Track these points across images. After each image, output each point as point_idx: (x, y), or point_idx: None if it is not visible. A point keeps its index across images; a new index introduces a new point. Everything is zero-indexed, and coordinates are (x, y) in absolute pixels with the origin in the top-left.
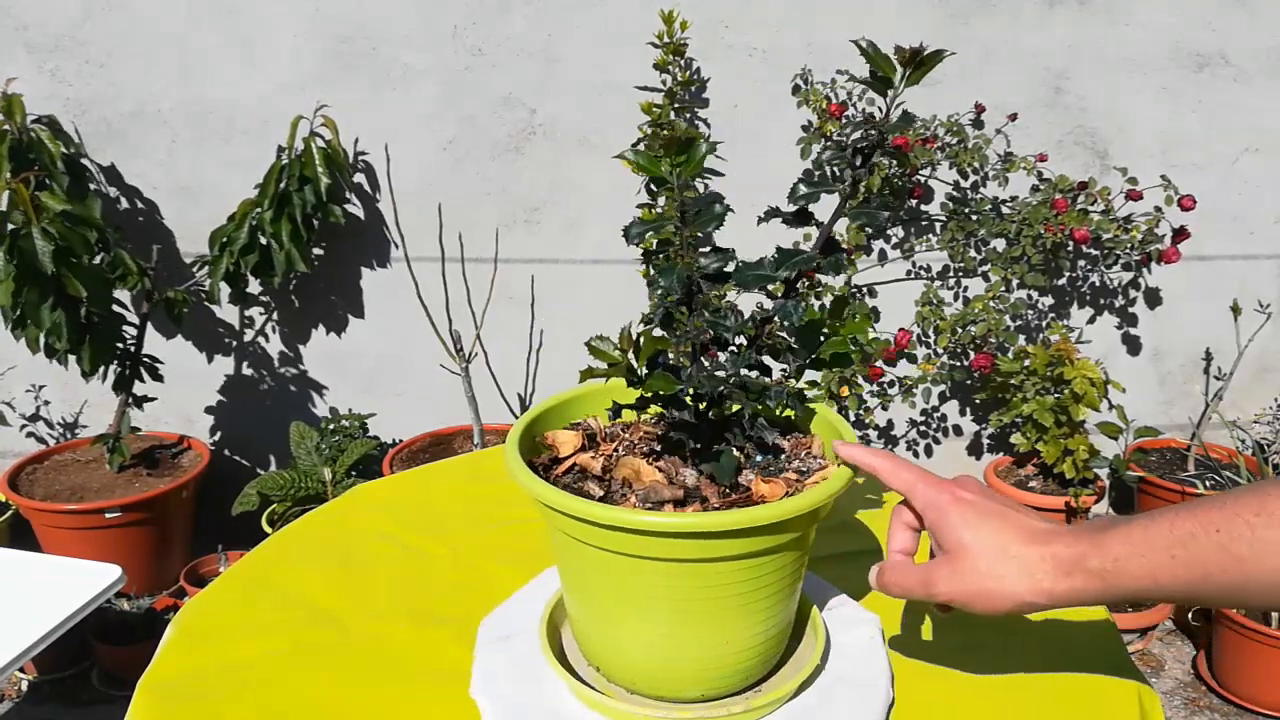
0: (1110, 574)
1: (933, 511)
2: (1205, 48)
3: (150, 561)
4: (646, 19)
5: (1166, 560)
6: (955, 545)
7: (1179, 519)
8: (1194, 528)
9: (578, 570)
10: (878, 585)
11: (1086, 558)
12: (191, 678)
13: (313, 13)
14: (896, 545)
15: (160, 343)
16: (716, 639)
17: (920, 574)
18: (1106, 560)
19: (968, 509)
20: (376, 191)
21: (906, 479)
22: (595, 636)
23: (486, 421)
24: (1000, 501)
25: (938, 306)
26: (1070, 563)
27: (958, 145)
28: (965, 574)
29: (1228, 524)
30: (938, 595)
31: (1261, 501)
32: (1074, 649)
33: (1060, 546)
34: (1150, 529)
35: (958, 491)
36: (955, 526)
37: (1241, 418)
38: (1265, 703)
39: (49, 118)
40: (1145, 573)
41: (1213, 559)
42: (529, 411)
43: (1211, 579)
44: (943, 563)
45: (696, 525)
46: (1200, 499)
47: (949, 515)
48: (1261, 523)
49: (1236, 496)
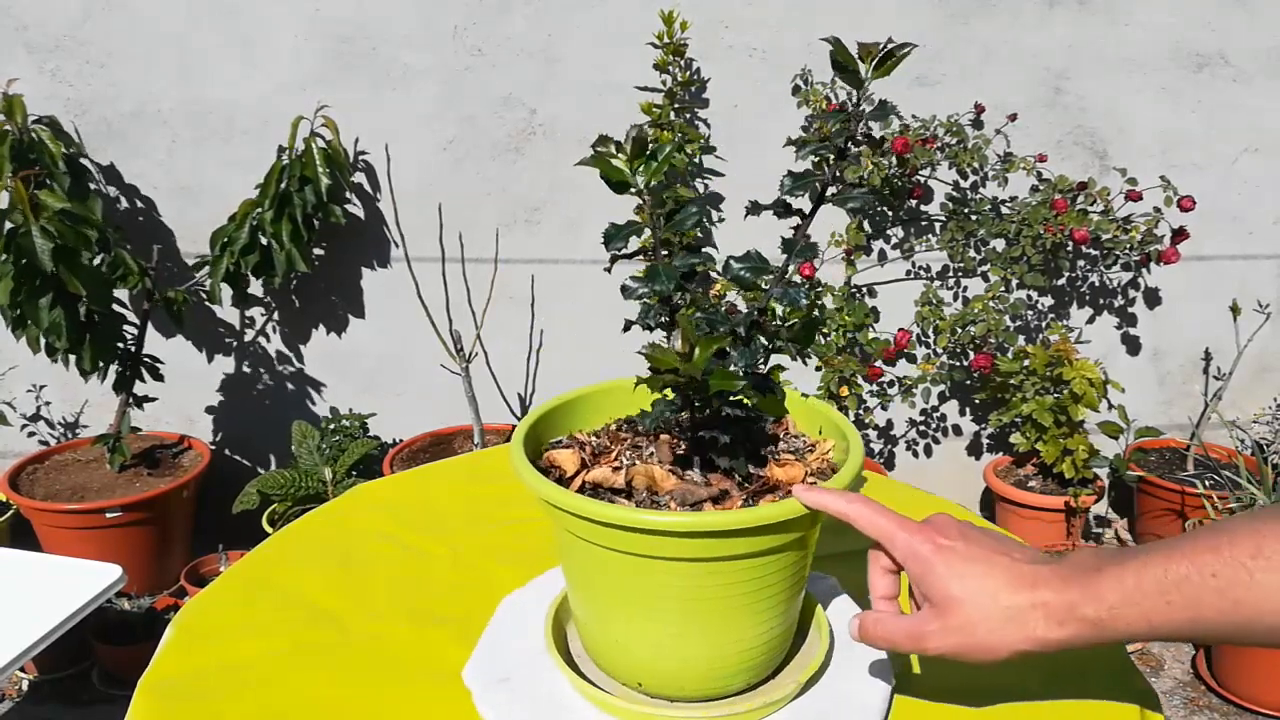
0: (1105, 621)
1: (915, 563)
2: (1205, 48)
3: (151, 561)
4: (646, 19)
5: (1162, 605)
6: (943, 598)
7: (1172, 561)
8: (1189, 571)
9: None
10: (859, 638)
11: (1079, 606)
12: (191, 678)
13: (313, 13)
14: (879, 591)
15: (161, 343)
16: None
17: (908, 628)
18: (1101, 608)
19: (952, 558)
20: (377, 191)
21: (884, 528)
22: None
23: (486, 421)
24: (980, 542)
25: (937, 306)
26: (1063, 611)
27: (957, 145)
28: (957, 628)
29: (1224, 568)
30: (929, 650)
31: (1258, 544)
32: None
33: (1049, 593)
34: (1143, 573)
35: (938, 539)
36: (942, 578)
37: (1241, 418)
38: (1265, 702)
39: (49, 118)
40: (1140, 617)
41: (1209, 604)
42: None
43: (1209, 623)
44: (931, 617)
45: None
46: (1193, 535)
47: (934, 567)
48: (1259, 566)
49: (1231, 536)
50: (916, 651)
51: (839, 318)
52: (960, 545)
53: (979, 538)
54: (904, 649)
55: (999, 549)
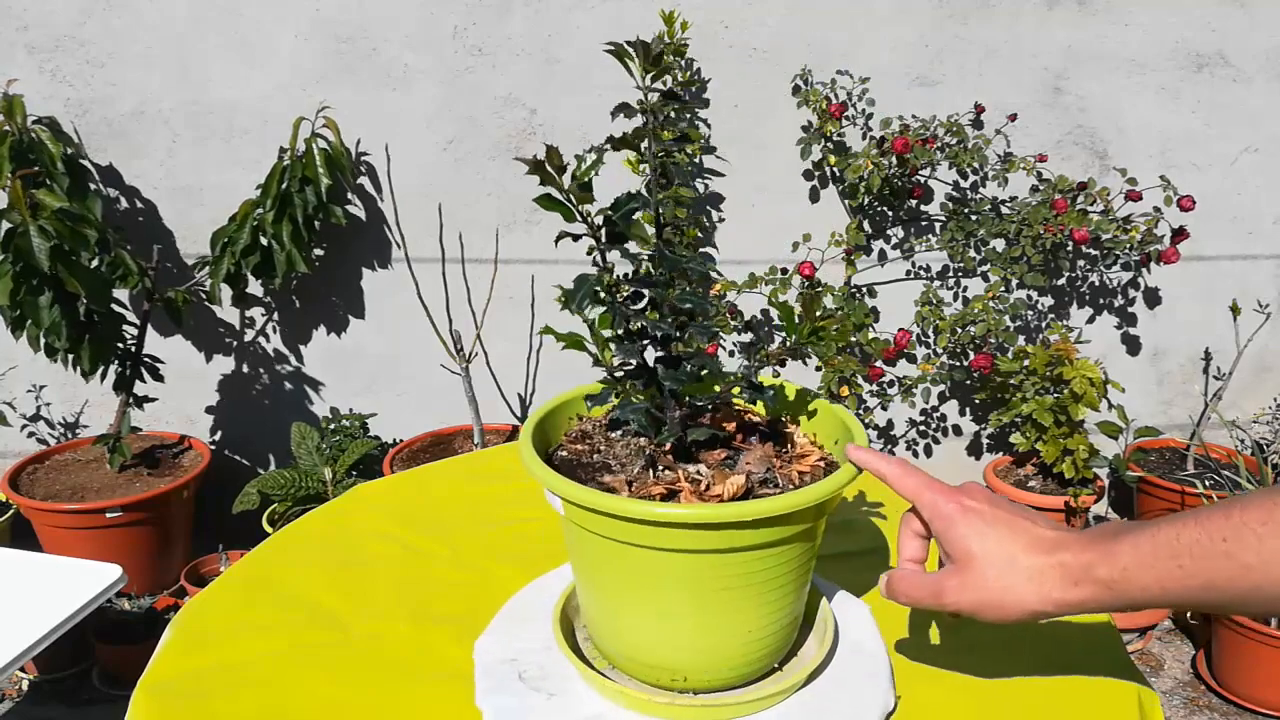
0: (1118, 583)
1: (940, 520)
2: (1205, 48)
3: (151, 561)
4: (647, 19)
5: (1174, 570)
6: (963, 555)
7: (1186, 527)
8: (1201, 536)
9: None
10: (887, 594)
11: (1094, 567)
12: (191, 678)
13: (313, 13)
14: (907, 553)
15: (161, 343)
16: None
17: (929, 584)
18: (1115, 570)
19: (975, 518)
20: (377, 192)
21: (913, 486)
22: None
23: (486, 421)
24: (1007, 508)
25: (937, 306)
26: (1079, 571)
27: (957, 145)
28: (974, 584)
29: (1235, 533)
30: (947, 605)
31: (1269, 510)
32: (1074, 649)
33: (1068, 555)
34: (1158, 538)
35: (964, 500)
36: (963, 536)
37: (1241, 417)
38: (1265, 702)
39: (49, 118)
40: (1153, 581)
41: (1220, 568)
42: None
43: (1218, 588)
44: (951, 573)
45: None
46: (1208, 506)
47: (956, 524)
48: (1269, 532)
49: (1243, 505)
50: (936, 607)
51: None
52: (985, 508)
53: (1004, 504)
54: (924, 604)
55: (1023, 515)
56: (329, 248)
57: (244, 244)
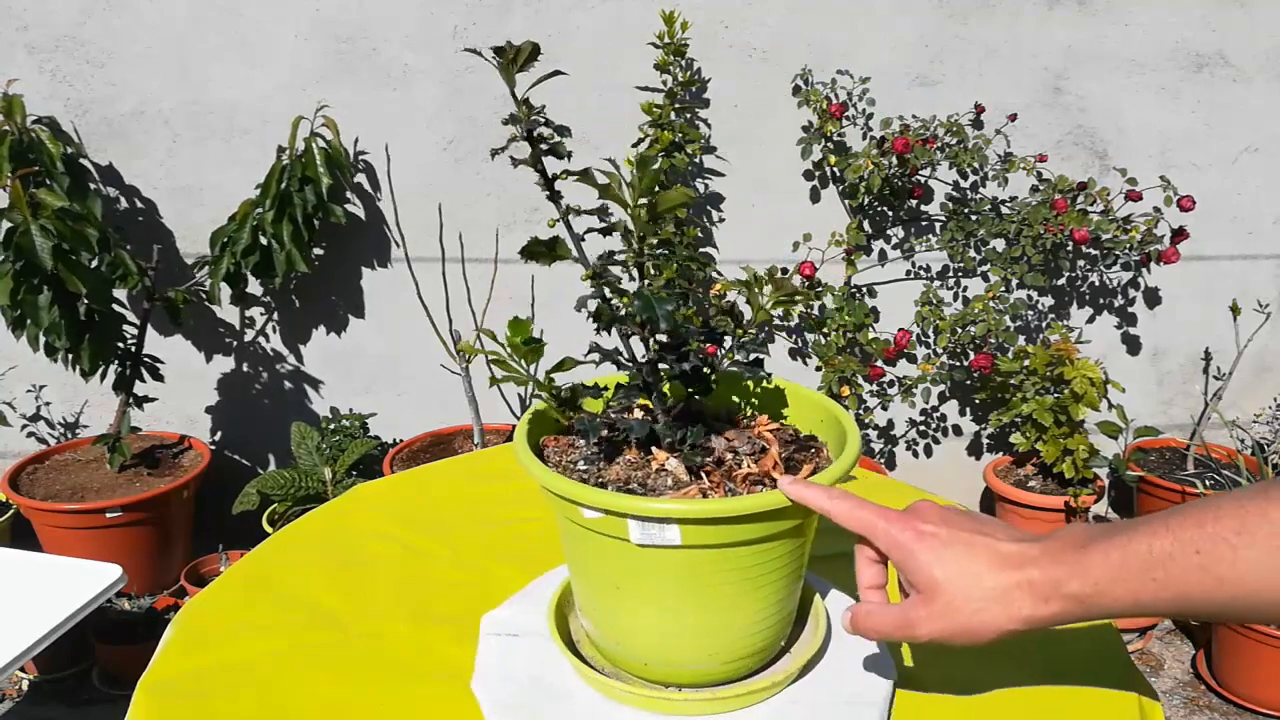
0: (1090, 598)
1: (898, 551)
2: (1205, 48)
3: (151, 561)
4: (647, 19)
5: (1147, 583)
6: (927, 584)
7: (1157, 537)
8: (1174, 548)
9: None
10: (852, 630)
11: (1065, 583)
12: (191, 677)
13: (313, 13)
14: (866, 580)
15: (160, 343)
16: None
17: (896, 617)
18: (1086, 585)
19: (933, 543)
20: (377, 191)
21: (864, 519)
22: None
23: (486, 421)
24: (963, 525)
25: (937, 306)
26: (1048, 588)
27: (957, 145)
28: (942, 612)
29: (1209, 545)
30: (919, 637)
31: (1242, 519)
32: (1074, 650)
33: (1035, 571)
34: (1129, 549)
35: (919, 525)
36: (925, 564)
37: (1241, 417)
38: (1265, 702)
39: (49, 118)
40: (1126, 594)
41: (1194, 581)
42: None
43: (1193, 599)
44: (918, 603)
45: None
46: (1181, 509)
47: (915, 554)
48: (1243, 542)
49: (1216, 513)
50: (906, 639)
51: (839, 318)
52: (942, 530)
53: (960, 521)
54: (895, 638)
55: (980, 530)
56: (329, 247)
57: (244, 244)
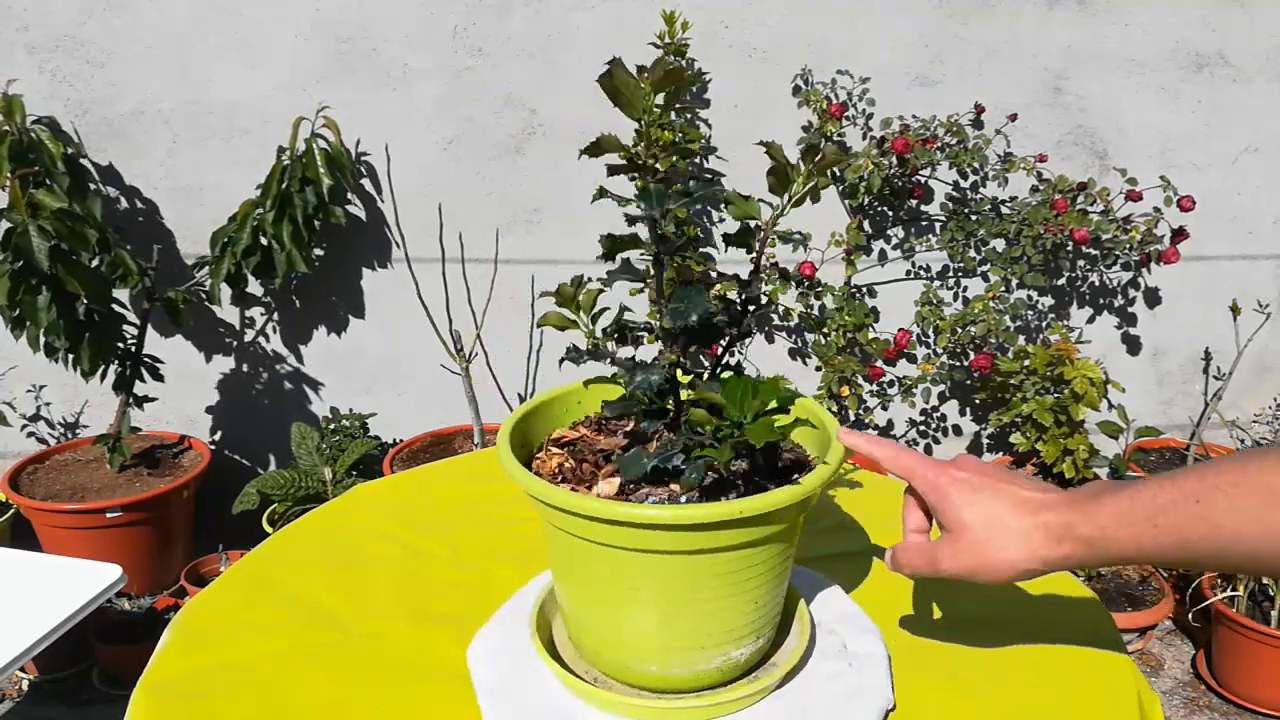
0: (1097, 540)
1: (933, 494)
2: (1205, 48)
3: (151, 561)
4: (647, 19)
5: (1149, 528)
6: (955, 523)
7: (1162, 488)
8: (1176, 496)
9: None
10: (891, 566)
11: (1076, 526)
12: (191, 677)
13: (313, 13)
14: (911, 524)
15: (160, 343)
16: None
17: (926, 552)
18: (1094, 528)
19: (963, 487)
20: (377, 192)
21: (906, 464)
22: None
23: (486, 421)
24: (993, 474)
25: (937, 306)
26: (1061, 529)
27: (957, 145)
28: (967, 549)
29: (1207, 494)
30: (943, 571)
31: (1240, 471)
32: (1074, 650)
33: (1051, 515)
34: (1136, 498)
35: (953, 472)
36: (954, 506)
37: (1241, 417)
38: (1265, 702)
39: (49, 119)
40: (1129, 538)
41: (1192, 527)
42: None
43: (1191, 546)
44: (945, 541)
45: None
46: (1187, 468)
47: (948, 496)
48: (1239, 492)
49: (1218, 467)
50: (932, 573)
51: (839, 318)
52: (974, 477)
53: (992, 470)
54: (923, 572)
55: (1009, 479)
56: (329, 248)
57: (244, 244)
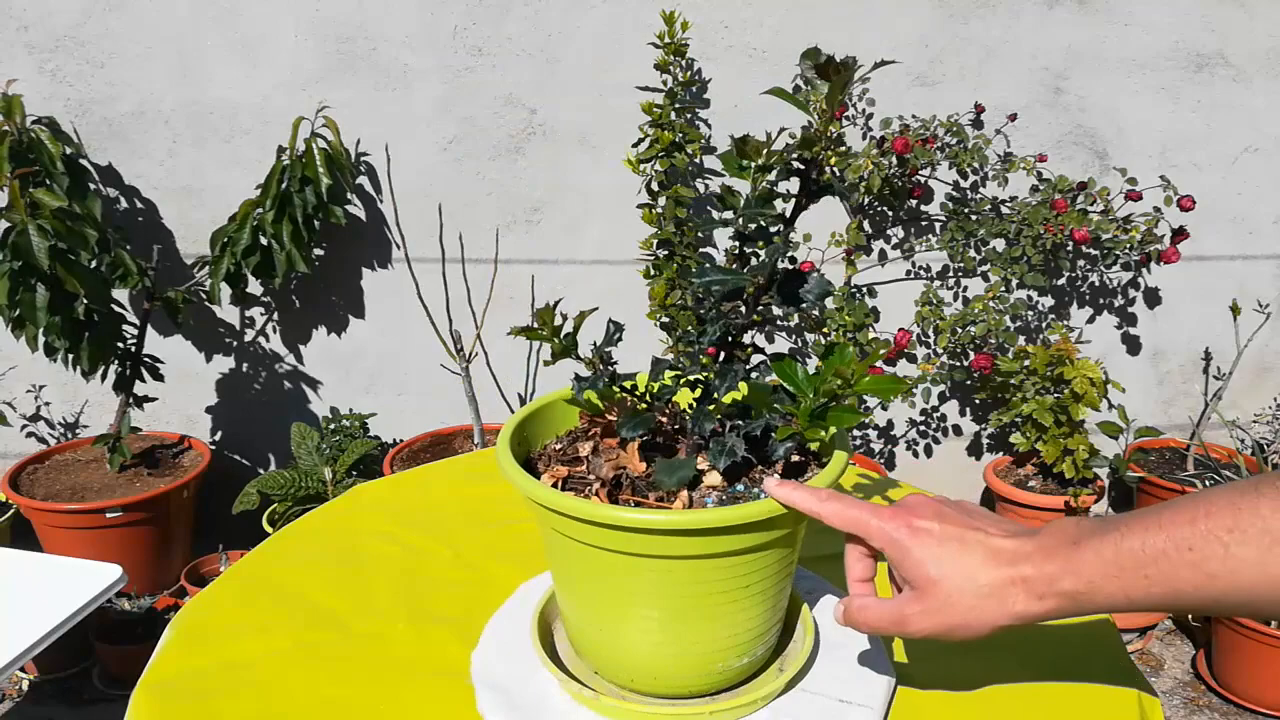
0: (1084, 594)
1: (893, 549)
2: (1205, 48)
3: (151, 561)
4: (647, 19)
5: (1139, 579)
6: (922, 579)
7: (1150, 533)
8: (1166, 546)
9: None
10: (845, 623)
11: (1058, 580)
12: (191, 677)
13: (313, 13)
14: (856, 574)
15: (161, 343)
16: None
17: (890, 611)
18: (1080, 582)
19: (928, 539)
20: (377, 192)
21: (857, 519)
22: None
23: (486, 421)
24: (956, 519)
25: (938, 306)
26: (1043, 585)
27: (957, 145)
28: (937, 609)
29: (1201, 543)
30: (912, 633)
31: (1234, 516)
32: (1074, 650)
33: (1029, 568)
34: (1121, 547)
35: (913, 522)
36: (919, 562)
37: (1241, 417)
38: (1265, 702)
39: (49, 119)
40: (1118, 590)
41: (1186, 578)
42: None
43: (1184, 595)
44: (912, 599)
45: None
46: (1174, 505)
47: (910, 551)
48: (1234, 540)
49: (1209, 509)
50: (900, 634)
51: (839, 318)
52: (935, 526)
53: (954, 516)
54: (888, 632)
55: (974, 525)
56: (329, 248)
57: (244, 244)
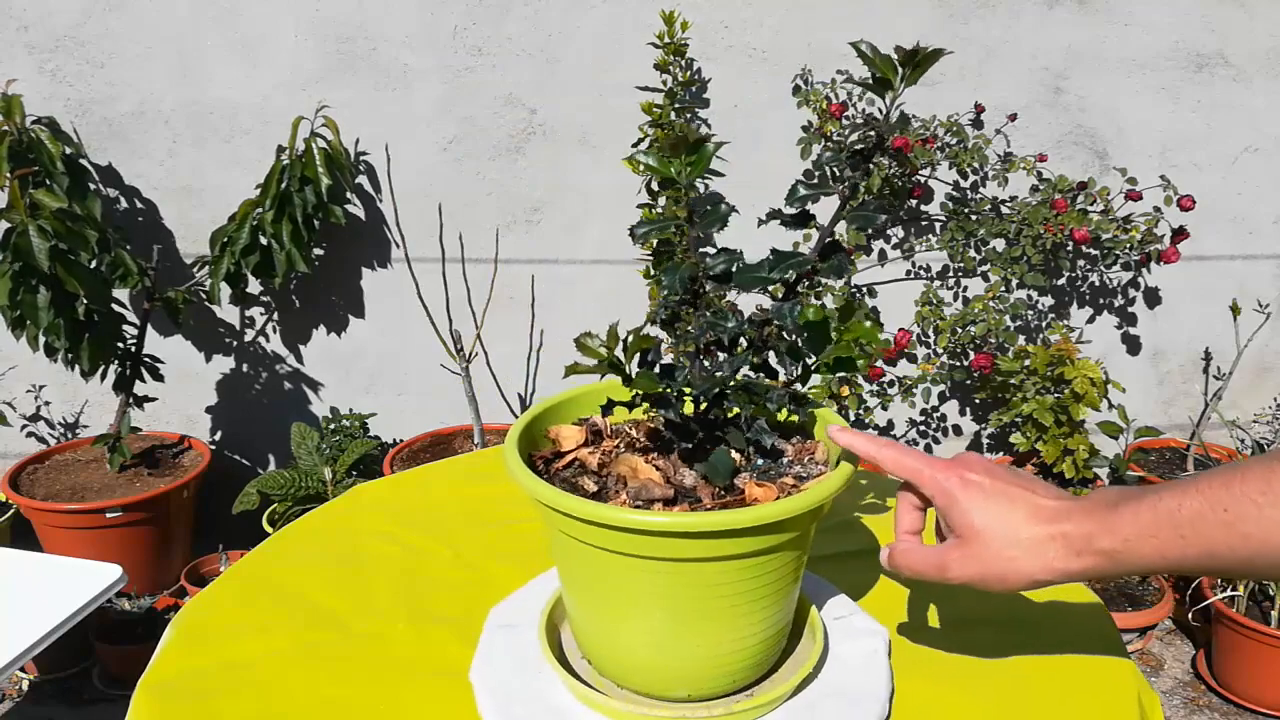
0: (1120, 554)
1: (942, 498)
2: (1205, 48)
3: (151, 561)
4: (647, 19)
5: (1175, 540)
6: (966, 529)
7: (1186, 497)
8: (1202, 507)
9: (575, 568)
10: (889, 566)
11: (1096, 538)
12: (191, 677)
13: (313, 13)
14: (905, 526)
15: (161, 343)
16: (716, 638)
17: (933, 557)
18: (1117, 541)
19: (975, 491)
20: (377, 192)
21: (912, 466)
22: (592, 634)
23: (486, 421)
24: (1005, 477)
25: (937, 306)
26: (1080, 543)
27: (957, 145)
28: (978, 557)
29: (1235, 504)
30: (950, 578)
31: (1267, 480)
32: (1074, 651)
33: (1070, 526)
34: (1159, 508)
35: (965, 474)
36: (965, 511)
37: (1241, 417)
38: (1265, 702)
39: (49, 119)
40: (1154, 551)
41: (1220, 538)
42: (529, 411)
43: (1219, 556)
44: (955, 546)
45: (690, 525)
46: (1208, 473)
47: (958, 500)
48: (1268, 501)
49: (1243, 474)
50: (939, 579)
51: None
52: (986, 480)
53: (1004, 474)
54: (928, 577)
55: (1023, 485)
56: (329, 248)
57: (244, 244)
